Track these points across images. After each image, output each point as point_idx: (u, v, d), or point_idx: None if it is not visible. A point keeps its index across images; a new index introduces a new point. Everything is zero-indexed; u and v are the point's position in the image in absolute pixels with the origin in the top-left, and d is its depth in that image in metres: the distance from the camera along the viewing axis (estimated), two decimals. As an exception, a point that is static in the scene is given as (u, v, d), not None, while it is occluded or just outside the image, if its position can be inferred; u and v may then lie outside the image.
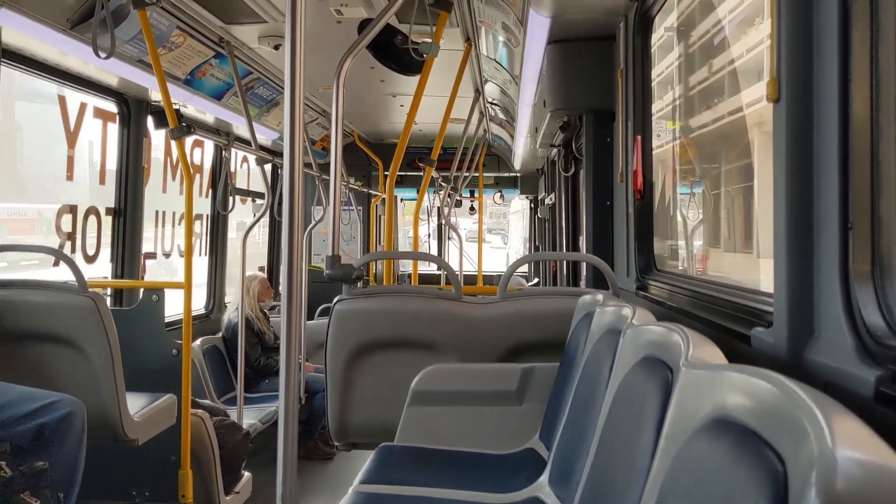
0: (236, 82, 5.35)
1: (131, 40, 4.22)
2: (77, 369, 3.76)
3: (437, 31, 4.14)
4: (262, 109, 6.62)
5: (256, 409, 6.32)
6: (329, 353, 3.67)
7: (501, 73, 5.73)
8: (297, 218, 1.80)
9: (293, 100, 1.80)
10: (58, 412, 3.28)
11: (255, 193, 8.17)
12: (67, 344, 3.78)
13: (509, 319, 3.67)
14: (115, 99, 5.16)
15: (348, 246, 9.97)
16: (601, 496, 1.79)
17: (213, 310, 7.17)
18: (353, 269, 3.53)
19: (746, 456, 1.07)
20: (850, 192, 1.54)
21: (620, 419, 1.84)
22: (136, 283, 5.27)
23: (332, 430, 3.73)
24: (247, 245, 5.87)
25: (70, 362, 3.78)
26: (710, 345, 1.63)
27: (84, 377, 3.74)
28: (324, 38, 4.90)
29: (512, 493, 2.80)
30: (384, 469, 3.05)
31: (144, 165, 5.48)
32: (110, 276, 5.30)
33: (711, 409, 1.28)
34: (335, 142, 3.43)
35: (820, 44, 1.64)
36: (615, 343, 2.22)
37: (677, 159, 4.38)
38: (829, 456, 0.89)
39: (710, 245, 4.31)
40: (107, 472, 4.14)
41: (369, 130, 9.61)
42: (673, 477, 1.33)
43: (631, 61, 3.67)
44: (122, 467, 4.28)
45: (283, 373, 1.79)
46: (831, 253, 1.58)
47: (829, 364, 1.56)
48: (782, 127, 1.72)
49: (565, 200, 6.56)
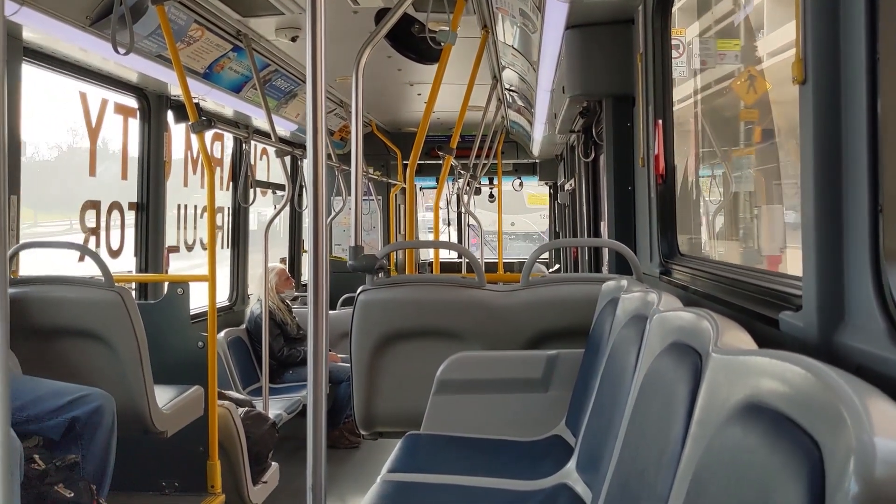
0: (254, 75, 5.37)
1: (150, 35, 4.24)
2: (105, 363, 3.81)
3: (454, 19, 4.13)
4: (280, 101, 6.64)
5: (282, 399, 6.37)
6: (354, 342, 3.69)
7: (519, 60, 5.70)
8: (321, 209, 1.80)
9: (315, 92, 1.80)
10: (88, 406, 3.33)
11: (275, 185, 8.20)
12: (95, 338, 3.83)
13: (533, 306, 3.66)
14: (136, 94, 5.20)
15: (368, 236, 9.98)
16: (631, 483, 1.79)
17: (236, 302, 7.22)
18: (377, 260, 3.55)
19: (781, 442, 1.07)
20: (880, 175, 1.52)
21: (649, 406, 1.84)
22: (162, 277, 5.31)
23: (358, 419, 3.75)
24: (268, 237, 5.90)
25: (98, 356, 3.83)
26: (739, 330, 1.62)
27: (113, 371, 3.78)
28: (340, 29, 4.90)
29: (539, 480, 2.80)
30: (412, 457, 3.07)
31: (165, 160, 5.52)
32: (135, 270, 5.35)
33: (744, 394, 1.28)
34: (356, 132, 3.44)
35: (846, 24, 1.62)
36: (641, 329, 2.21)
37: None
38: (868, 442, 0.88)
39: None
40: (137, 463, 4.19)
41: (387, 120, 9.61)
42: (706, 464, 1.33)
43: (650, 45, 3.63)
44: (152, 459, 4.33)
45: (311, 363, 1.80)
46: (861, 236, 1.57)
47: (860, 347, 1.54)
48: (809, 109, 1.70)
49: (586, 186, 6.53)
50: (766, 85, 4.13)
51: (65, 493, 3.01)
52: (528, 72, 5.89)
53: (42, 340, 3.87)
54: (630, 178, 4.22)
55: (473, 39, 5.06)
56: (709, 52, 4.10)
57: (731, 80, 4.15)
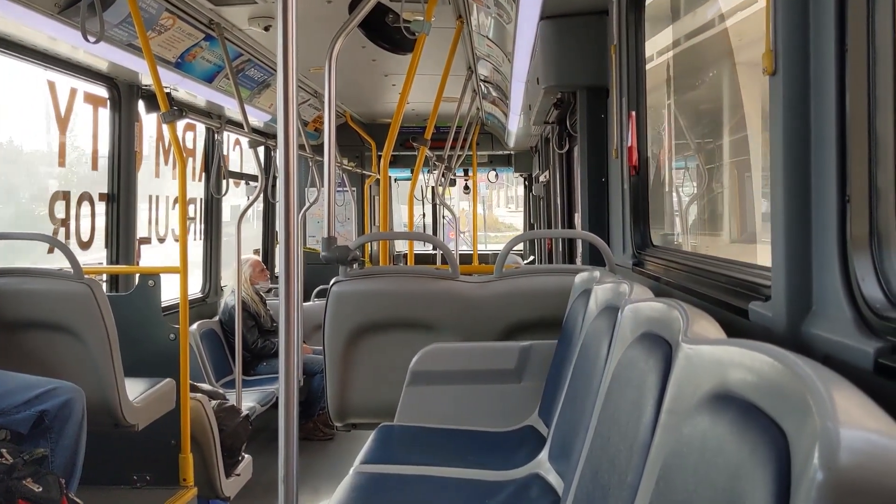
0: (227, 64, 5.32)
1: (120, 24, 4.18)
2: (75, 356, 3.77)
3: (428, 9, 4.11)
4: (253, 91, 6.58)
5: (255, 391, 6.34)
6: (327, 334, 3.68)
7: (494, 51, 5.69)
8: (292, 200, 1.79)
9: (286, 81, 1.79)
10: (57, 399, 3.29)
11: (248, 176, 8.14)
12: (65, 331, 3.78)
13: (507, 298, 3.67)
14: (106, 83, 5.13)
15: (343, 227, 9.95)
16: (602, 472, 1.80)
17: (209, 293, 7.17)
18: (350, 251, 3.54)
19: (749, 431, 1.07)
20: (848, 165, 1.54)
21: (620, 395, 1.85)
22: (132, 269, 5.26)
23: (331, 411, 3.74)
24: (241, 228, 5.85)
25: (68, 349, 3.78)
26: (708, 320, 1.63)
27: (82, 364, 3.74)
28: (314, 18, 4.87)
29: (512, 470, 2.81)
30: (384, 449, 3.07)
31: (137, 150, 5.45)
32: (105, 262, 5.29)
33: (712, 384, 1.28)
34: (328, 123, 3.41)
35: (816, 15, 1.63)
36: (613, 319, 2.22)
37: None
38: (832, 430, 0.89)
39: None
40: (108, 457, 4.15)
41: (362, 111, 9.56)
42: (675, 452, 1.34)
43: (624, 36, 3.64)
44: (123, 452, 4.29)
45: (283, 355, 1.79)
46: (829, 226, 1.58)
47: (827, 337, 1.56)
48: (779, 100, 1.71)
49: (560, 178, 6.55)
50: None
51: (33, 488, 2.96)
52: (503, 63, 5.89)
53: (9, 333, 3.81)
54: (604, 169, 4.24)
55: (448, 30, 5.05)
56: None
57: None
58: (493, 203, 20.09)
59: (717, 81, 4.07)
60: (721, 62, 3.92)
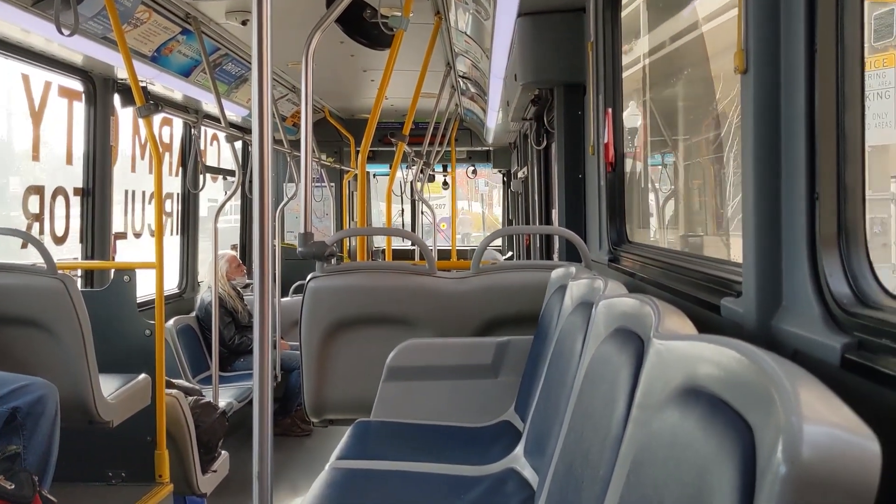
0: (204, 59, 5.28)
1: (95, 17, 4.14)
2: (48, 352, 3.73)
3: (406, 4, 4.11)
4: (231, 86, 6.55)
5: (233, 387, 6.32)
6: (303, 330, 3.67)
7: (472, 47, 5.70)
8: (266, 195, 1.78)
9: (261, 75, 1.78)
10: (30, 396, 3.26)
11: (225, 171, 8.09)
12: (38, 327, 3.74)
13: (483, 293, 3.68)
14: (81, 77, 5.08)
15: (321, 223, 9.92)
16: (575, 466, 1.82)
17: (185, 289, 7.13)
18: (326, 246, 3.53)
19: (717, 425, 1.08)
20: (817, 163, 1.56)
21: (593, 390, 1.86)
22: (107, 264, 5.21)
23: (307, 407, 3.73)
24: (218, 223, 5.82)
25: (41, 345, 3.75)
26: (680, 315, 1.65)
27: (56, 360, 3.71)
28: (292, 13, 4.84)
29: (488, 465, 2.82)
30: (360, 444, 3.07)
31: (112, 144, 5.40)
32: (80, 257, 5.24)
33: (682, 379, 1.30)
34: (305, 118, 3.40)
35: (786, 16, 1.65)
36: (588, 315, 2.23)
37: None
38: (796, 424, 0.90)
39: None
40: (82, 454, 4.12)
41: (340, 106, 9.53)
42: (646, 446, 1.35)
43: (601, 33, 3.66)
44: (98, 449, 4.26)
45: (257, 351, 1.79)
46: (799, 223, 1.60)
47: (797, 332, 1.58)
48: (750, 98, 1.73)
49: (538, 174, 6.57)
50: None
51: (6, 485, 2.94)
52: (482, 59, 5.89)
53: (-18, 329, 3.77)
54: (580, 165, 4.26)
55: (426, 25, 5.04)
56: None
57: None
58: (493, 202, 20.00)
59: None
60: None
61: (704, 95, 4.16)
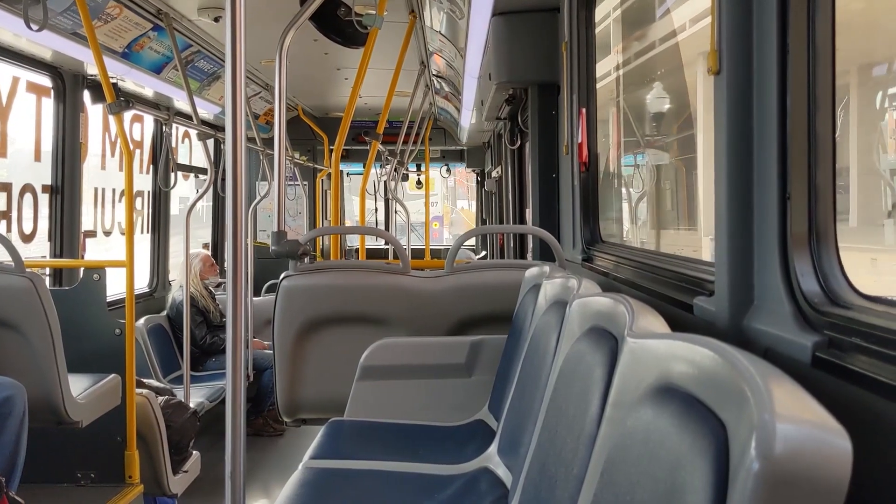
0: (176, 56, 5.23)
1: (65, 12, 4.09)
2: (16, 352, 3.67)
3: (380, 3, 4.09)
4: (203, 83, 6.49)
5: (204, 387, 6.26)
6: (276, 329, 3.65)
7: (446, 46, 5.69)
8: (239, 193, 1.77)
9: (234, 73, 1.77)
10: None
11: (197, 169, 8.02)
12: (5, 326, 3.68)
13: (457, 292, 3.68)
14: (50, 73, 5.00)
15: (294, 222, 9.87)
16: (549, 465, 1.82)
17: (156, 288, 7.05)
18: (300, 245, 3.51)
19: (691, 423, 1.09)
20: (789, 164, 1.58)
21: (567, 389, 1.87)
22: (76, 263, 5.15)
23: (280, 406, 3.71)
24: (190, 222, 5.77)
25: (9, 345, 3.68)
26: (653, 314, 1.66)
27: (24, 360, 3.64)
28: (266, 10, 4.81)
29: (462, 464, 2.82)
30: (334, 444, 3.06)
31: (82, 141, 5.34)
32: (49, 255, 5.17)
33: (656, 377, 1.31)
34: (279, 116, 3.38)
35: (759, 17, 1.67)
36: (562, 314, 2.24)
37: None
38: (768, 421, 0.91)
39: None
40: (51, 454, 4.06)
41: (314, 104, 9.49)
42: (620, 444, 1.36)
43: (575, 34, 3.67)
44: (67, 449, 4.20)
45: (230, 350, 1.78)
46: (770, 223, 1.62)
47: (768, 331, 1.59)
48: (723, 99, 1.74)
49: (512, 173, 6.59)
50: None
51: (-28, 486, 2.89)
52: (456, 58, 5.89)
53: (-53, 328, 3.70)
54: (554, 165, 4.27)
55: (400, 24, 5.04)
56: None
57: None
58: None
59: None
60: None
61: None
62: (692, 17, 3.76)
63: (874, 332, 1.29)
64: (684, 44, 3.90)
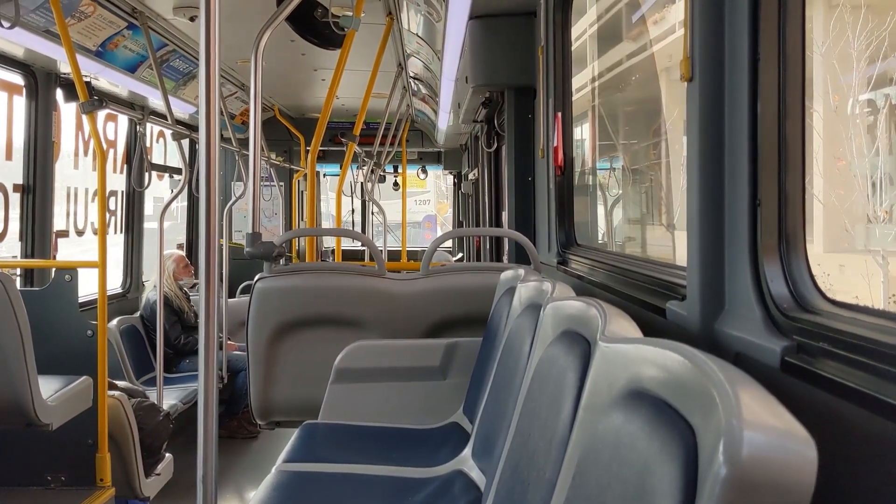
0: (151, 55, 5.19)
1: (37, 9, 4.04)
2: (-16, 353, 3.61)
3: (357, 4, 4.09)
4: (178, 83, 6.44)
5: (178, 389, 6.21)
6: (251, 331, 3.63)
7: (424, 48, 5.69)
8: (214, 194, 1.76)
9: (209, 73, 1.76)
10: (-35, 398, 3.16)
11: (171, 169, 7.96)
12: (-26, 327, 3.63)
13: (433, 295, 3.68)
14: (22, 71, 4.94)
15: (270, 223, 9.82)
16: (522, 468, 1.83)
17: (130, 289, 6.99)
18: (275, 247, 3.50)
19: (660, 427, 1.10)
20: (759, 170, 1.59)
21: (541, 392, 1.88)
22: (48, 263, 5.09)
23: (254, 408, 3.69)
24: (164, 222, 5.72)
25: (-23, 346, 3.63)
26: (625, 318, 1.67)
27: (-8, 361, 3.59)
28: (241, 10, 4.79)
29: (436, 467, 2.82)
30: (308, 447, 3.04)
31: (54, 140, 5.27)
32: (20, 255, 5.10)
33: (627, 381, 1.32)
34: (254, 116, 3.37)
35: (731, 25, 1.69)
36: (536, 317, 2.25)
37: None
38: (736, 426, 0.92)
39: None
40: (20, 457, 4.01)
41: (291, 105, 9.45)
42: (591, 448, 1.36)
43: (552, 38, 3.69)
44: (37, 452, 4.15)
45: (202, 352, 1.77)
46: (741, 228, 1.64)
47: (739, 336, 1.61)
48: (695, 105, 1.76)
49: (488, 176, 6.60)
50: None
51: (-62, 490, 2.85)
52: (433, 61, 5.89)
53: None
54: (530, 168, 4.29)
55: (378, 26, 5.03)
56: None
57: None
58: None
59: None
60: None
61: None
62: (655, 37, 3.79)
63: (842, 337, 1.31)
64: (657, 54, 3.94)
